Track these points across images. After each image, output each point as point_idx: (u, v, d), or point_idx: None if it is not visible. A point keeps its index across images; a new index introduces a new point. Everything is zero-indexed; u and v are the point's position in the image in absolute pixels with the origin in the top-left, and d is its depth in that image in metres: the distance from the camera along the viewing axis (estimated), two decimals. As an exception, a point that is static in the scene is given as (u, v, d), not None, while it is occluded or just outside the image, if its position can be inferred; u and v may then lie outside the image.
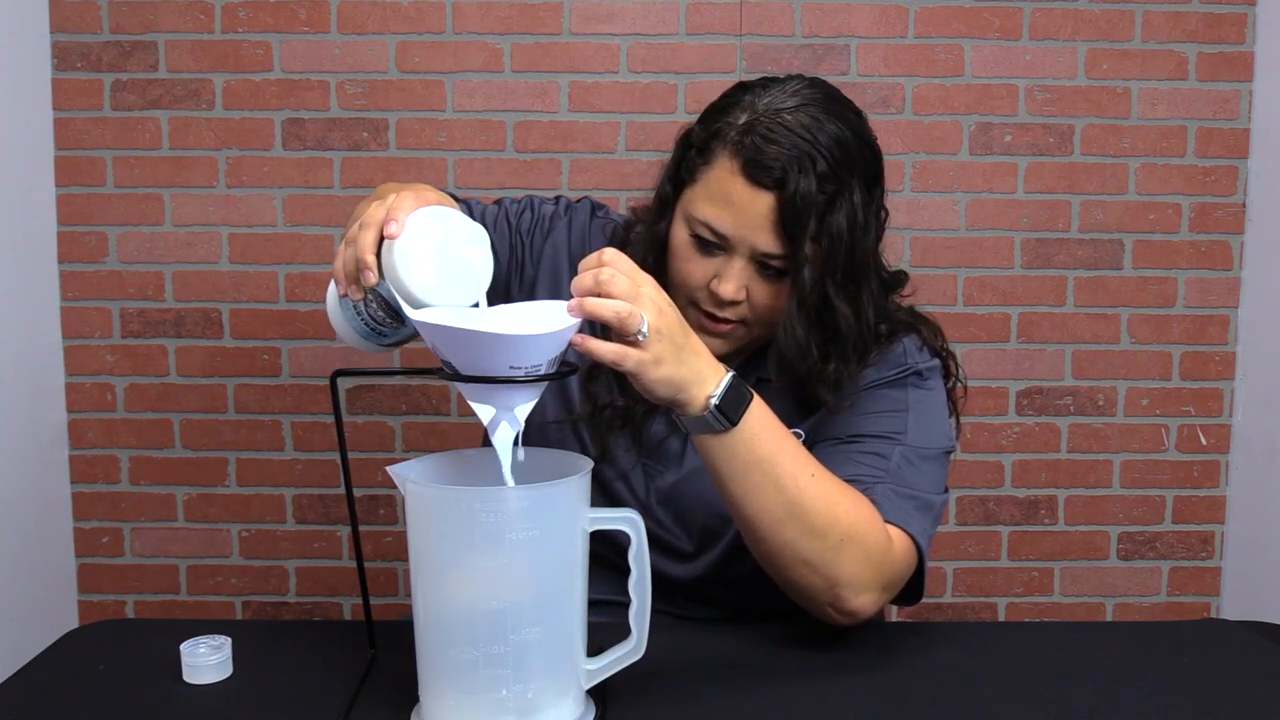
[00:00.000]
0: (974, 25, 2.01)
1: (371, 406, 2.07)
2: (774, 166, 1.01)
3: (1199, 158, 2.05)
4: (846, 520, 0.96)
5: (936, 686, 0.94)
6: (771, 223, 1.02)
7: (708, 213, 1.05)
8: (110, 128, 2.01)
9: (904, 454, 1.06)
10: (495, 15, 1.99)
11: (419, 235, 0.88)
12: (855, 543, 0.96)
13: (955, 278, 2.06)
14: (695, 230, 1.06)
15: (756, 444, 0.93)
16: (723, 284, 1.05)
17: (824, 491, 0.96)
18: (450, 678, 0.83)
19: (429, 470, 0.88)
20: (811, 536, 0.95)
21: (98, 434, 2.07)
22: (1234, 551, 2.13)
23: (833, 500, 0.96)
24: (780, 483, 0.94)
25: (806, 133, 1.01)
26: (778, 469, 0.94)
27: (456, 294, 0.90)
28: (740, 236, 1.04)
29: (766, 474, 0.93)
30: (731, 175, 1.03)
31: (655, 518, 1.15)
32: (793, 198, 1.00)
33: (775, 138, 1.01)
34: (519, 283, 1.21)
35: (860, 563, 0.96)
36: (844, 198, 1.03)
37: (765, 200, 1.02)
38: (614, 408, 1.14)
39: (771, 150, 1.01)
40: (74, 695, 0.92)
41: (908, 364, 1.11)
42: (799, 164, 1.00)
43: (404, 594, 2.11)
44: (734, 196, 1.03)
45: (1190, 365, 2.10)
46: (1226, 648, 1.04)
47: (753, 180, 1.02)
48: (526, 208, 1.24)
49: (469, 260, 0.91)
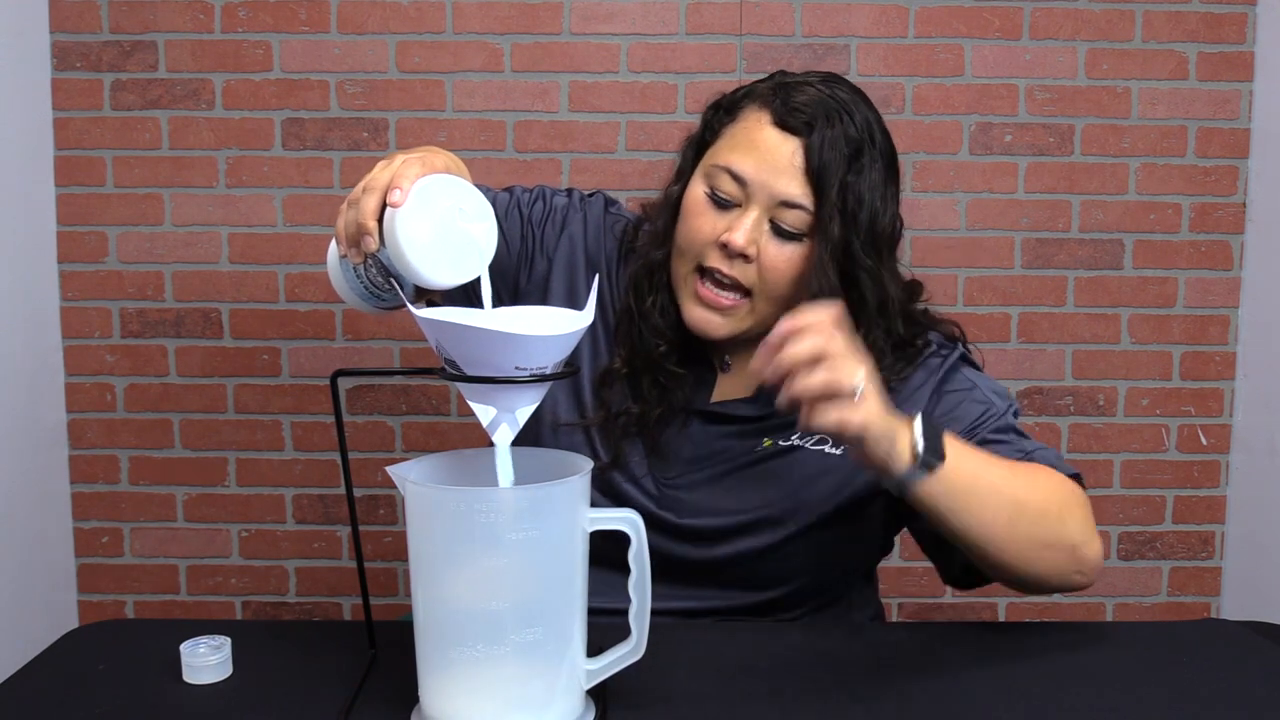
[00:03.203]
0: (974, 25, 2.01)
1: (371, 406, 2.07)
2: (804, 112, 1.03)
3: (1199, 158, 2.05)
4: (1050, 489, 0.99)
5: (936, 686, 0.93)
6: (796, 167, 1.03)
7: (730, 158, 1.05)
8: (110, 128, 2.01)
9: (1003, 422, 1.09)
10: (495, 15, 1.99)
11: (422, 206, 0.87)
12: (1069, 503, 1.00)
13: (955, 278, 2.06)
14: (714, 183, 1.06)
15: (963, 466, 0.93)
16: (734, 233, 1.04)
17: (1023, 476, 0.99)
18: (450, 678, 0.83)
19: (429, 470, 0.88)
20: (1041, 520, 0.98)
21: (97, 434, 2.07)
22: (1234, 551, 2.13)
23: (1033, 480, 0.99)
24: (996, 488, 0.95)
25: (836, 97, 1.05)
26: (989, 477, 0.95)
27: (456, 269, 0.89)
28: (761, 181, 1.04)
29: (982, 488, 0.94)
30: (759, 124, 1.05)
31: (676, 513, 1.12)
32: (821, 145, 1.02)
33: (807, 93, 1.05)
34: (528, 275, 1.19)
35: (1081, 520, 1.01)
36: (867, 163, 1.04)
37: (792, 144, 1.03)
38: (628, 414, 1.13)
39: (802, 99, 1.04)
40: (74, 695, 0.92)
41: (945, 355, 1.13)
42: (828, 116, 1.03)
43: (404, 594, 2.11)
44: (760, 141, 1.04)
45: (1190, 365, 2.10)
46: (1226, 648, 1.04)
47: (781, 125, 1.04)
48: (539, 198, 1.22)
49: (471, 235, 0.90)
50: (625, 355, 1.14)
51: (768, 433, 1.13)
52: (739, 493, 1.11)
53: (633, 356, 1.13)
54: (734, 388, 1.15)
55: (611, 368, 1.14)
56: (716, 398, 1.15)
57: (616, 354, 1.15)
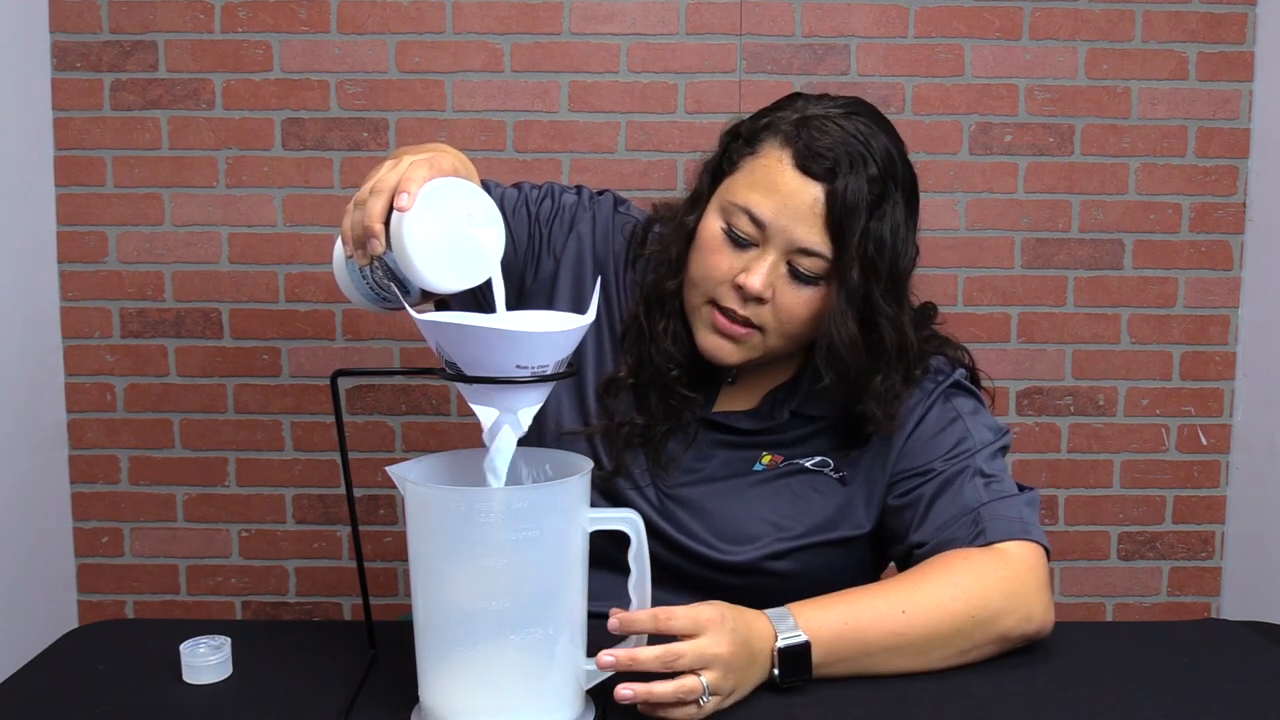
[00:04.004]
0: (974, 25, 2.01)
1: (371, 406, 2.07)
2: (827, 157, 1.00)
3: (1199, 158, 2.05)
4: (957, 594, 0.96)
5: (936, 687, 0.93)
6: (816, 215, 1.00)
7: (750, 198, 1.03)
8: (110, 127, 2.01)
9: (981, 458, 1.07)
10: (495, 15, 1.99)
11: (430, 210, 0.87)
12: (987, 609, 0.97)
13: (955, 278, 2.06)
14: (731, 220, 1.04)
15: (839, 653, 0.92)
16: (750, 276, 1.02)
17: (926, 612, 0.95)
18: (450, 678, 0.83)
19: (429, 470, 0.88)
20: (955, 637, 0.96)
21: (97, 434, 2.07)
22: (1234, 551, 2.13)
23: (940, 608, 0.96)
24: (893, 640, 0.94)
25: (859, 136, 1.02)
26: (881, 630, 0.94)
27: (463, 274, 0.88)
28: (780, 226, 1.01)
29: (877, 647, 0.94)
30: (780, 164, 1.02)
31: (674, 525, 1.12)
32: (843, 192, 0.99)
33: (830, 133, 1.01)
34: (534, 274, 1.17)
35: (1005, 613, 0.98)
36: (889, 207, 1.02)
37: (813, 191, 1.00)
38: (632, 425, 1.12)
39: (825, 142, 1.01)
40: (74, 695, 0.92)
41: (939, 380, 1.12)
42: (851, 161, 1.00)
43: (404, 594, 2.11)
44: (780, 184, 1.02)
45: (1190, 365, 2.10)
46: (1226, 648, 1.04)
47: (803, 169, 1.01)
48: (547, 195, 1.20)
49: (478, 241, 0.89)
50: (632, 365, 1.13)
51: (765, 447, 1.13)
52: (738, 509, 1.11)
53: (640, 369, 1.12)
54: (736, 399, 1.15)
55: (617, 376, 1.13)
56: (719, 407, 1.15)
57: (623, 362, 1.14)
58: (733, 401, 1.15)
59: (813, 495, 1.11)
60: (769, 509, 1.11)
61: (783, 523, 1.10)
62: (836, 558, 1.12)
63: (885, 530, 1.12)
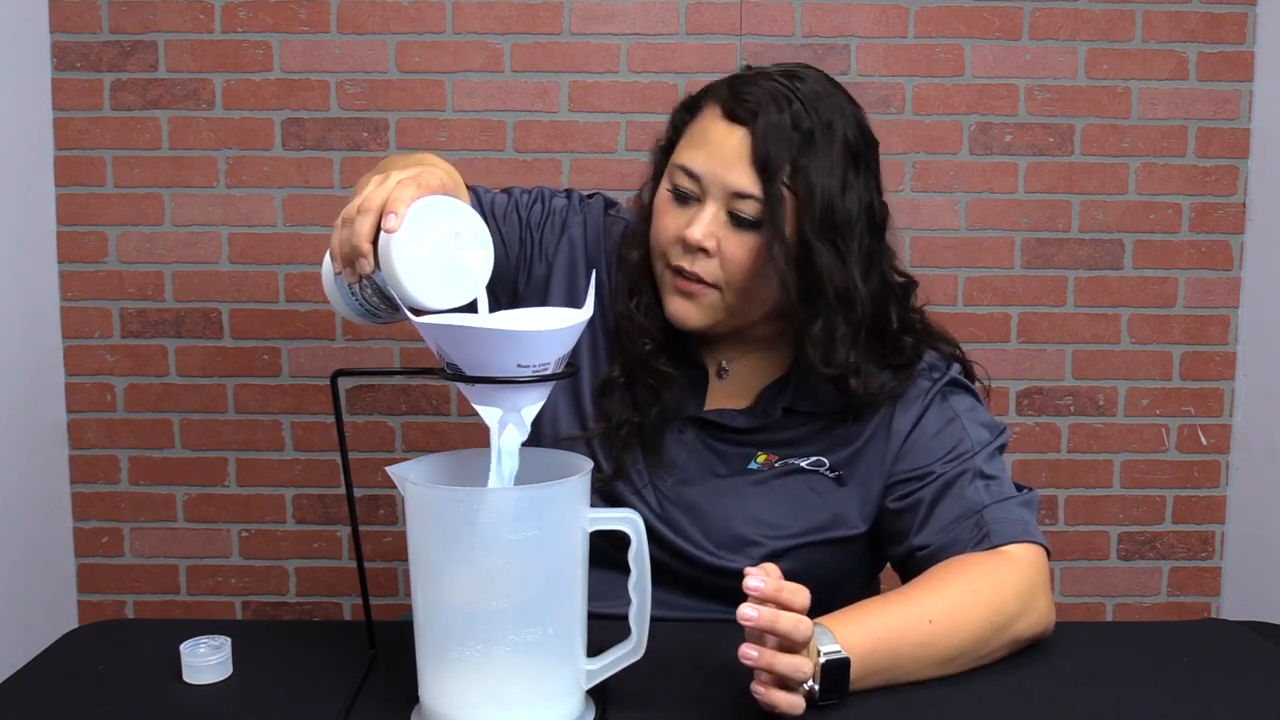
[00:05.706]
0: (974, 25, 2.01)
1: (371, 406, 2.07)
2: (750, 101, 1.03)
3: (1199, 158, 2.05)
4: (981, 612, 0.96)
5: (937, 687, 0.93)
6: (743, 157, 1.03)
7: (685, 156, 1.06)
8: (110, 127, 2.01)
9: (981, 459, 1.07)
10: (495, 15, 1.99)
11: (417, 230, 0.87)
12: (1004, 612, 0.97)
13: (955, 278, 2.06)
14: (675, 181, 1.07)
15: (871, 666, 0.91)
16: (691, 228, 1.04)
17: (949, 619, 0.95)
18: (450, 678, 0.83)
19: (429, 470, 0.88)
20: (976, 649, 0.96)
21: (97, 434, 2.07)
22: (1234, 551, 2.13)
23: (963, 614, 0.96)
24: (920, 658, 0.93)
25: (786, 81, 1.05)
26: (909, 655, 0.93)
27: (451, 293, 0.89)
28: (713, 174, 1.04)
29: (904, 666, 0.93)
30: (712, 119, 1.06)
31: (672, 529, 1.12)
32: (765, 129, 1.02)
33: (759, 85, 1.05)
34: (526, 279, 1.18)
35: (1020, 616, 0.98)
36: (821, 148, 1.02)
37: (739, 134, 1.03)
38: (630, 425, 1.12)
39: (750, 90, 1.04)
40: (74, 695, 0.92)
41: (935, 378, 1.12)
42: (775, 101, 1.03)
43: (404, 594, 2.11)
44: (711, 136, 1.05)
45: (1190, 365, 2.09)
46: (1226, 648, 1.04)
47: (730, 117, 1.04)
48: (537, 200, 1.21)
49: (467, 263, 0.90)
50: (622, 362, 1.14)
51: (760, 446, 1.13)
52: (735, 510, 1.11)
53: (628, 362, 1.13)
54: (728, 397, 1.15)
55: (610, 376, 1.14)
56: (710, 405, 1.15)
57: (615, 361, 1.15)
58: (725, 399, 1.15)
59: (809, 495, 1.11)
60: (765, 509, 1.11)
61: (779, 523, 1.10)
62: (833, 558, 1.12)
63: (883, 532, 1.12)
